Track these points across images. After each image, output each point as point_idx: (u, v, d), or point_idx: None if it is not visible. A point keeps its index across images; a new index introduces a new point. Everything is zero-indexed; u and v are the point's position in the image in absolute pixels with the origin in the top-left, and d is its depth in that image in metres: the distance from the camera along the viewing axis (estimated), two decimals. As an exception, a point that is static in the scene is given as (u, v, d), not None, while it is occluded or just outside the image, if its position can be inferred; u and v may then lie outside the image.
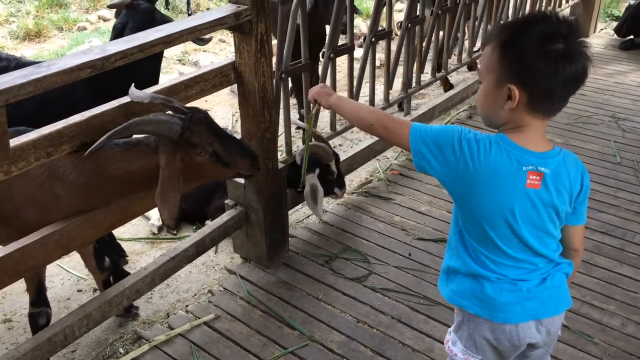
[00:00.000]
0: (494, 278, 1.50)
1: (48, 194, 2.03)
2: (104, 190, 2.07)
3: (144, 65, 2.73)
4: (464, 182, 1.45)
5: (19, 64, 2.76)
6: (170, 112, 2.03)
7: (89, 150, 1.86)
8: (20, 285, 2.94)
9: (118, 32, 3.03)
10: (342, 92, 4.10)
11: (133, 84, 2.09)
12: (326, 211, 3.34)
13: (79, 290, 2.95)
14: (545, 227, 1.48)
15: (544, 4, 5.43)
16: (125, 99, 2.10)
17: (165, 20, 3.08)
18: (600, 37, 6.29)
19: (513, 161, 1.42)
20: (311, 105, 1.88)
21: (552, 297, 1.54)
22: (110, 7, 3.28)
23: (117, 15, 3.21)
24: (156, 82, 2.96)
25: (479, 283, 1.51)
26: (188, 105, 2.10)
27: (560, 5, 5.75)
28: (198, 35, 2.26)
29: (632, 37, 5.90)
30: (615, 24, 6.39)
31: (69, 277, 3.02)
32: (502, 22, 4.65)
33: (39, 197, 2.03)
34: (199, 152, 1.99)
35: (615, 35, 6.06)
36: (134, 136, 2.11)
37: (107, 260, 2.62)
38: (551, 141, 1.49)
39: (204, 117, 2.02)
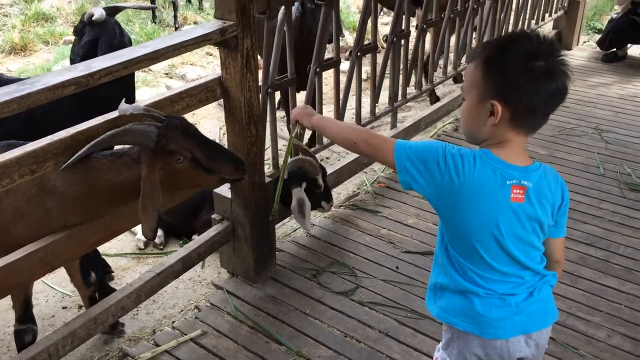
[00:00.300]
0: (482, 293, 1.50)
1: (37, 208, 2.01)
2: (92, 202, 2.05)
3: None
4: (450, 197, 1.46)
5: (1, 80, 2.76)
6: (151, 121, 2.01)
7: (67, 163, 1.87)
8: (2, 303, 2.90)
9: (89, 49, 3.04)
10: (329, 105, 4.13)
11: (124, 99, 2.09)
12: (313, 224, 3.34)
13: (64, 307, 2.91)
14: (530, 241, 1.50)
15: (527, 17, 5.51)
16: (111, 114, 2.09)
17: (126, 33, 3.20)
18: (583, 49, 6.39)
19: (497, 175, 1.44)
20: (291, 126, 1.89)
21: (540, 310, 1.55)
22: (76, 32, 3.28)
23: (75, 32, 3.24)
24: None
25: (467, 299, 1.52)
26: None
27: (543, 19, 5.84)
28: (184, 51, 2.27)
29: (614, 49, 6.00)
30: (597, 36, 6.50)
31: (53, 294, 2.99)
32: (485, 39, 4.71)
33: (28, 211, 2.02)
34: (177, 158, 1.96)
35: (598, 48, 6.16)
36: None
37: (93, 275, 2.60)
38: (531, 157, 1.51)
39: (179, 123, 1.98)
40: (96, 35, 3.09)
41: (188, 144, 1.97)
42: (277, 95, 3.43)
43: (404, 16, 3.70)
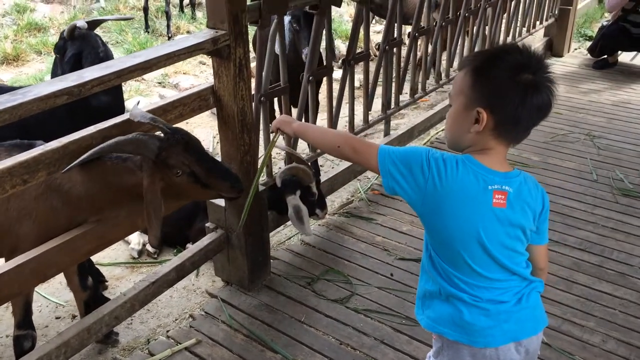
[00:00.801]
0: (469, 300, 1.50)
1: (45, 206, 2.06)
2: (96, 201, 2.10)
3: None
4: (433, 202, 1.47)
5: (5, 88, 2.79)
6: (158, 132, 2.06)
7: (68, 167, 1.90)
8: (-4, 314, 2.88)
9: (74, 63, 3.09)
10: (322, 113, 4.14)
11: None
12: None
13: (57, 317, 2.89)
14: (514, 246, 1.51)
15: (518, 25, 5.55)
16: (103, 124, 2.09)
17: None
18: (575, 56, 6.44)
19: (480, 180, 1.45)
20: (272, 133, 1.91)
21: (530, 317, 1.55)
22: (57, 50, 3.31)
23: (57, 50, 3.28)
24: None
25: (456, 309, 1.52)
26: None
27: (534, 27, 5.89)
28: (176, 60, 2.27)
29: (605, 56, 6.04)
30: (588, 43, 6.56)
31: (47, 304, 2.97)
32: (477, 47, 4.75)
33: (36, 210, 2.06)
34: (176, 172, 2.02)
35: (589, 54, 6.21)
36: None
37: (90, 279, 2.59)
38: (522, 164, 1.53)
39: (182, 138, 2.03)
40: (79, 49, 3.14)
41: (187, 159, 2.02)
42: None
43: (395, 24, 3.72)
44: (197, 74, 6.46)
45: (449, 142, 1.56)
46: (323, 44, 3.37)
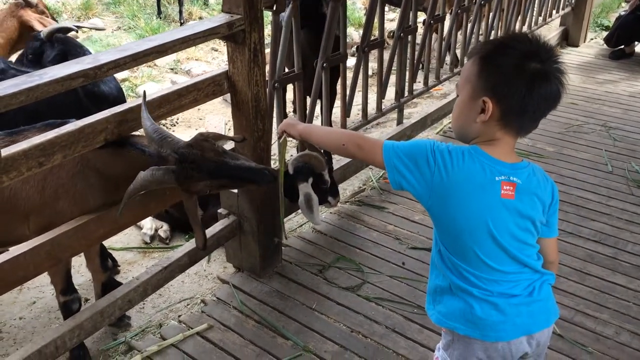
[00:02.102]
0: (480, 294, 1.48)
1: (82, 184, 2.11)
2: (123, 185, 2.07)
3: None
4: (440, 194, 1.46)
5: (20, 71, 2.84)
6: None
7: (119, 210, 1.96)
8: (9, 296, 2.91)
9: (58, 62, 3.11)
10: (336, 101, 4.11)
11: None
12: (321, 220, 3.33)
13: (70, 301, 2.91)
14: (524, 238, 1.49)
15: (534, 14, 5.48)
16: (117, 108, 2.09)
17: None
18: (591, 46, 6.35)
19: (487, 171, 1.43)
20: (277, 139, 1.92)
21: (542, 310, 1.53)
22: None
23: (31, 52, 3.34)
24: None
25: (467, 304, 1.50)
26: (179, 114, 2.11)
27: (550, 16, 5.81)
28: (191, 44, 2.26)
29: (622, 46, 5.96)
30: (605, 33, 6.46)
31: (59, 288, 2.99)
32: (492, 36, 4.69)
33: (73, 188, 2.11)
34: (205, 191, 2.00)
35: (605, 45, 6.12)
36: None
37: (110, 260, 2.62)
38: (535, 154, 1.51)
39: (191, 167, 1.91)
40: (63, 50, 3.23)
41: (206, 181, 1.95)
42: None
43: (410, 12, 3.68)
44: (209, 61, 6.44)
45: (456, 133, 1.54)
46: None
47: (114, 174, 2.13)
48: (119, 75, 4.80)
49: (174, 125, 4.98)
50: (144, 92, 2.17)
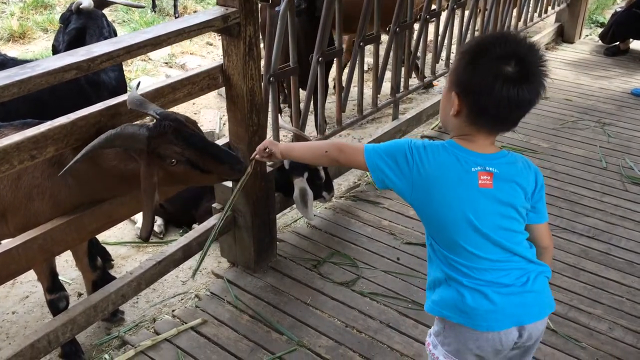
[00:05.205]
0: (470, 284, 1.49)
1: (58, 184, 2.04)
2: (102, 183, 2.08)
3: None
4: (421, 189, 1.50)
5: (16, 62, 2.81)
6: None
7: (63, 170, 1.86)
8: (2, 290, 2.90)
9: (74, 36, 3.09)
10: (331, 96, 4.10)
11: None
12: (315, 215, 3.33)
13: (63, 295, 2.90)
14: (510, 226, 1.50)
15: (530, 10, 5.48)
16: (110, 101, 2.07)
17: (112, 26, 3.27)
18: (586, 43, 6.36)
19: (462, 162, 1.47)
20: (248, 163, 1.99)
21: (535, 301, 1.53)
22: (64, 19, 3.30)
23: (62, 20, 3.28)
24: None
25: (458, 293, 1.51)
26: (173, 108, 2.08)
27: (546, 12, 5.81)
28: (186, 37, 2.24)
29: (617, 43, 5.97)
30: (600, 30, 6.47)
31: (52, 282, 2.97)
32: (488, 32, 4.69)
33: (49, 188, 2.05)
34: (170, 162, 1.93)
35: (600, 41, 6.13)
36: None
37: (99, 259, 2.60)
38: (500, 148, 1.54)
39: (170, 125, 1.90)
40: (83, 25, 3.16)
41: (180, 147, 1.91)
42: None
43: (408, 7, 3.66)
44: (204, 55, 6.41)
45: (442, 124, 1.61)
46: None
47: (91, 174, 2.04)
48: (113, 69, 4.74)
49: (169, 120, 4.95)
50: (139, 82, 2.15)
